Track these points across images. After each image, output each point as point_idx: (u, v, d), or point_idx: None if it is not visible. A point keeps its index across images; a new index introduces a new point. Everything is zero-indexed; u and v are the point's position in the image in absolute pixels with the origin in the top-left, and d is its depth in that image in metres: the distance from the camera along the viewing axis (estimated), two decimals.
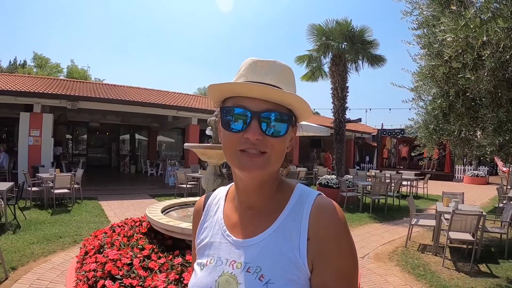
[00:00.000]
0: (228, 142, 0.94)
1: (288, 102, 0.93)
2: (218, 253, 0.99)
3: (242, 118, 0.91)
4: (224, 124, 0.95)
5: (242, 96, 0.93)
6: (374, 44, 15.46)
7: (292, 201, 0.99)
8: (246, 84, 0.90)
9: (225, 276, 0.93)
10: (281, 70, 0.98)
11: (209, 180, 4.33)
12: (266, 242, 0.94)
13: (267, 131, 0.90)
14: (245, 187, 1.01)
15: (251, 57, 1.00)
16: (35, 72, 43.25)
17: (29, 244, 6.34)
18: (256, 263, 0.91)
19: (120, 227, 4.12)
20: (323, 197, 0.98)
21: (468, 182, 20.98)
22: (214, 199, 1.16)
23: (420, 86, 4.72)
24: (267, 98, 0.91)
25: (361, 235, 7.98)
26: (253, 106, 0.91)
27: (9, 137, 21.46)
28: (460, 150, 5.38)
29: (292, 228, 0.93)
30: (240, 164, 0.92)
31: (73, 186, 10.29)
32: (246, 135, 0.90)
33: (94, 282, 2.88)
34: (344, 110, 15.65)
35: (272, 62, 0.97)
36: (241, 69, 0.99)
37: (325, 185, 12.85)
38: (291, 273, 0.88)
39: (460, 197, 8.09)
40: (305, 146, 26.64)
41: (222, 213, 1.09)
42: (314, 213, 0.93)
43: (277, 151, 0.93)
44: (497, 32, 3.02)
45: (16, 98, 13.36)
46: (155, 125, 23.72)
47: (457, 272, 5.71)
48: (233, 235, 1.00)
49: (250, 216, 1.01)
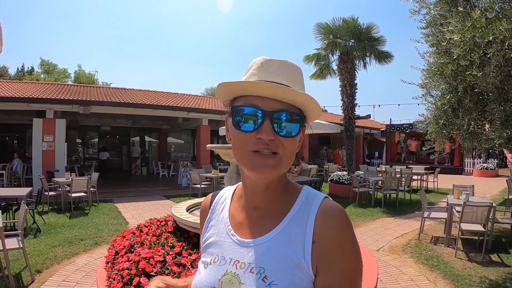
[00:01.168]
0: (239, 142, 0.93)
1: (301, 102, 0.92)
2: (222, 252, 0.99)
3: (254, 117, 0.90)
4: (235, 123, 0.93)
5: (253, 95, 0.92)
6: (381, 40, 15.55)
7: (298, 203, 0.98)
8: (260, 83, 0.89)
9: (229, 275, 0.93)
10: (292, 70, 0.97)
11: (231, 179, 4.44)
12: (271, 243, 0.93)
13: (279, 131, 0.89)
14: (252, 187, 1.00)
15: (262, 56, 0.99)
16: (43, 78, 43.48)
17: (51, 247, 6.47)
18: (260, 264, 0.90)
19: (147, 227, 4.28)
20: (330, 201, 0.97)
21: (477, 175, 20.97)
22: (221, 197, 1.16)
23: (429, 82, 4.80)
24: (280, 97, 0.90)
25: (375, 229, 8.12)
26: (265, 105, 0.90)
27: (20, 143, 21.73)
28: (469, 144, 5.46)
29: (297, 231, 0.92)
30: (252, 165, 0.90)
31: (89, 190, 10.47)
32: (259, 135, 0.88)
33: (129, 280, 3.03)
34: (354, 107, 15.75)
35: (283, 61, 0.97)
36: (252, 67, 0.98)
37: (337, 181, 12.99)
38: (294, 275, 0.87)
39: (471, 190, 8.18)
40: (315, 144, 26.70)
41: (228, 212, 1.08)
42: (320, 216, 0.92)
43: (288, 152, 0.92)
44: (502, 31, 3.14)
45: (29, 104, 13.56)
46: (165, 127, 23.82)
47: (469, 262, 5.82)
48: (238, 234, 1.00)
49: (255, 216, 1.01)
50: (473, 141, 5.29)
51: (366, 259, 4.05)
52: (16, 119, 18.52)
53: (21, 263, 5.49)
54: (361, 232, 7.77)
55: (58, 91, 16.17)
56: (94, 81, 45.11)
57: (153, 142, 27.05)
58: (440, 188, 14.63)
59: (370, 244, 6.91)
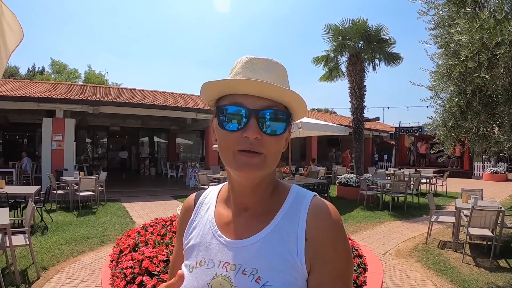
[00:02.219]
0: (225, 142, 0.91)
1: (287, 99, 0.91)
2: (210, 255, 0.96)
3: (239, 116, 0.88)
4: (219, 123, 0.91)
5: (238, 93, 0.90)
6: (390, 42, 15.49)
7: (288, 202, 0.97)
8: (245, 80, 0.86)
9: (219, 278, 0.90)
10: (277, 68, 0.95)
11: None
12: (262, 243, 0.91)
13: (264, 129, 0.88)
14: (240, 188, 0.98)
15: (246, 55, 0.97)
16: (53, 78, 43.88)
17: (58, 245, 6.53)
18: (252, 265, 0.88)
19: (152, 226, 4.29)
20: (319, 198, 0.97)
21: (487, 179, 20.75)
22: (205, 197, 1.13)
23: (438, 84, 4.78)
24: (266, 95, 0.88)
25: (382, 233, 8.05)
26: (250, 103, 0.88)
27: (30, 142, 21.94)
28: (478, 147, 5.42)
29: (289, 229, 0.91)
30: (237, 165, 0.88)
31: (97, 189, 10.54)
32: (244, 134, 0.87)
33: (131, 278, 3.04)
34: (362, 109, 15.70)
35: (268, 60, 0.95)
36: (237, 66, 0.96)
37: (345, 184, 12.97)
38: (288, 274, 0.86)
39: (479, 194, 8.09)
40: (323, 146, 26.64)
41: (213, 213, 1.05)
42: (312, 214, 0.92)
43: (273, 151, 0.90)
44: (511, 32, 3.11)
45: (39, 104, 13.67)
46: (174, 128, 23.89)
47: (477, 267, 5.77)
48: (226, 236, 0.97)
49: (244, 217, 0.98)
50: (482, 145, 5.25)
51: (371, 262, 4.03)
52: (26, 118, 18.70)
53: (28, 260, 5.53)
54: (368, 235, 7.72)
55: (68, 91, 16.33)
56: (104, 82, 45.44)
57: (162, 143, 27.18)
58: (449, 192, 14.50)
59: (376, 247, 6.86)
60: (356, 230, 8.13)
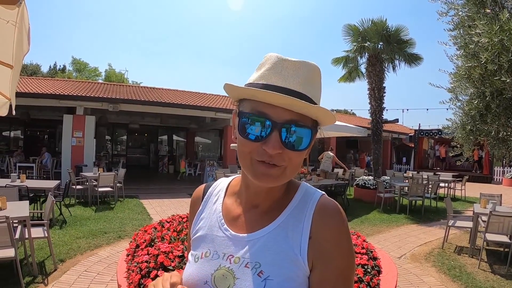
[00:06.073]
0: (243, 148, 0.88)
1: (315, 115, 0.87)
2: (215, 247, 0.97)
3: (261, 127, 0.84)
4: (240, 129, 0.88)
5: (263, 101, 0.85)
6: (410, 43, 15.38)
7: (295, 200, 0.97)
8: (271, 94, 0.80)
9: (222, 270, 0.91)
10: (307, 72, 0.88)
11: None
12: (267, 238, 0.92)
13: (287, 144, 0.84)
14: (256, 189, 0.97)
15: (277, 54, 0.91)
16: (75, 76, 44.56)
17: (75, 238, 6.66)
18: (255, 259, 0.89)
19: (169, 222, 4.32)
20: (327, 198, 0.96)
21: (507, 185, 20.33)
22: (214, 189, 1.13)
23: (457, 86, 4.74)
24: (291, 108, 0.84)
25: (398, 236, 7.99)
26: (274, 115, 0.84)
27: (51, 138, 22.33)
28: (498, 151, 5.35)
29: (294, 227, 0.91)
30: (255, 174, 0.87)
31: (115, 185, 10.69)
32: (264, 147, 0.83)
33: (147, 272, 3.08)
34: (381, 111, 15.61)
35: (299, 63, 0.88)
36: (265, 65, 0.90)
37: (363, 186, 12.90)
38: (290, 270, 0.87)
39: (498, 199, 7.97)
40: (342, 147, 26.49)
41: (221, 205, 1.06)
42: (318, 213, 0.92)
43: (294, 164, 0.88)
44: None
45: (60, 101, 13.97)
46: (193, 126, 24.03)
47: (493, 274, 5.69)
48: (232, 229, 0.98)
49: (253, 213, 0.99)
50: (501, 148, 5.17)
51: (386, 265, 4.00)
52: (47, 115, 19.11)
53: (46, 252, 5.67)
54: (384, 238, 7.67)
55: (89, 89, 16.61)
56: (124, 80, 45.95)
57: (180, 141, 27.35)
58: (467, 196, 14.27)
59: (392, 250, 6.81)
60: (372, 232, 8.08)
